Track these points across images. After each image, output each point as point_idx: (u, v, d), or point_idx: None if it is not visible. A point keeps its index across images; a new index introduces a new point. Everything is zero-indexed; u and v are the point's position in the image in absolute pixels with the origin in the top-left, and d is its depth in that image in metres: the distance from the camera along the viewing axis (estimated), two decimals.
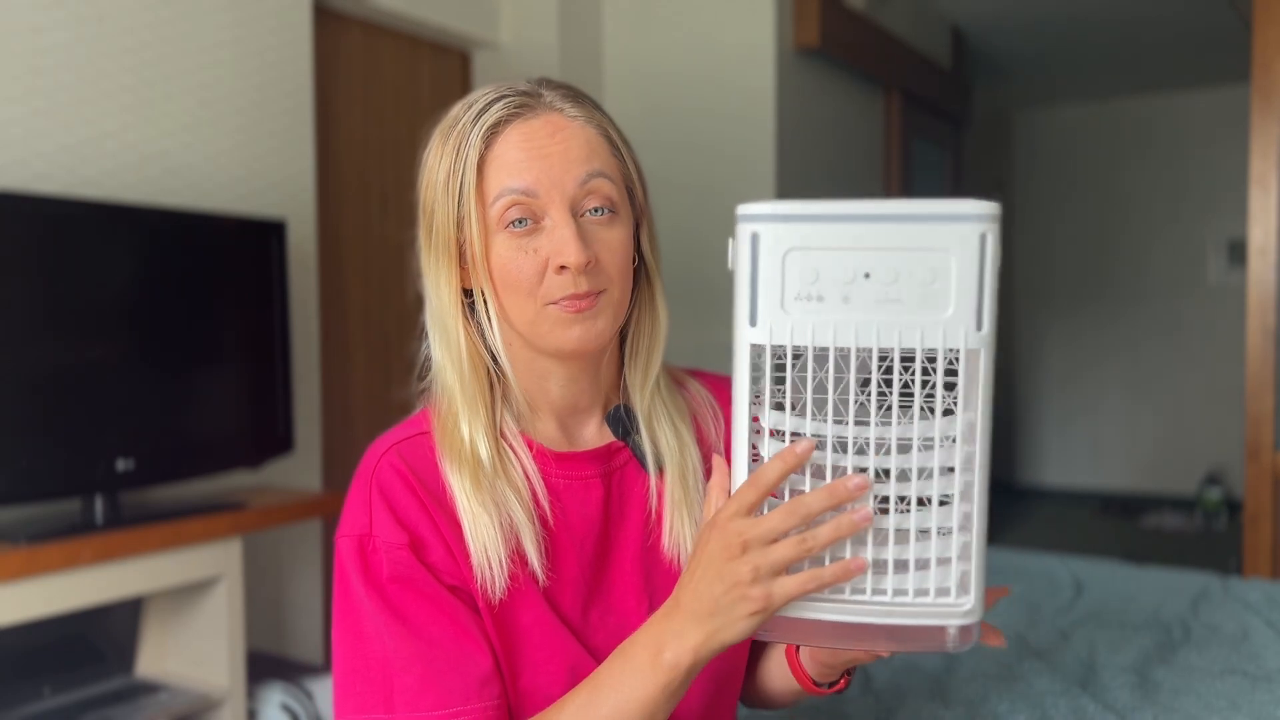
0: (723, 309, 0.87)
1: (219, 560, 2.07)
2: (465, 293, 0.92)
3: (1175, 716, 1.44)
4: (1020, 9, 4.46)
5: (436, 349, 0.94)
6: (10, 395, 1.81)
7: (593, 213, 0.89)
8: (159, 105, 2.25)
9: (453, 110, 0.93)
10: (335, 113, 2.85)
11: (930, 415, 0.72)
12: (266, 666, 2.34)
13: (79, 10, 2.11)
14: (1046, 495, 6.23)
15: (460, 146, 0.89)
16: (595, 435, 0.98)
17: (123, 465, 1.94)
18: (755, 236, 0.71)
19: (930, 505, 0.73)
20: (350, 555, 0.88)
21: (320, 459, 2.63)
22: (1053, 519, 5.60)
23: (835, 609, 0.74)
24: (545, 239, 0.88)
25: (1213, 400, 5.79)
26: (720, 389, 1.05)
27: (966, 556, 0.73)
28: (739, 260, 0.73)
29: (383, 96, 3.02)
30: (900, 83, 4.00)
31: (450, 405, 0.93)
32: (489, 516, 0.88)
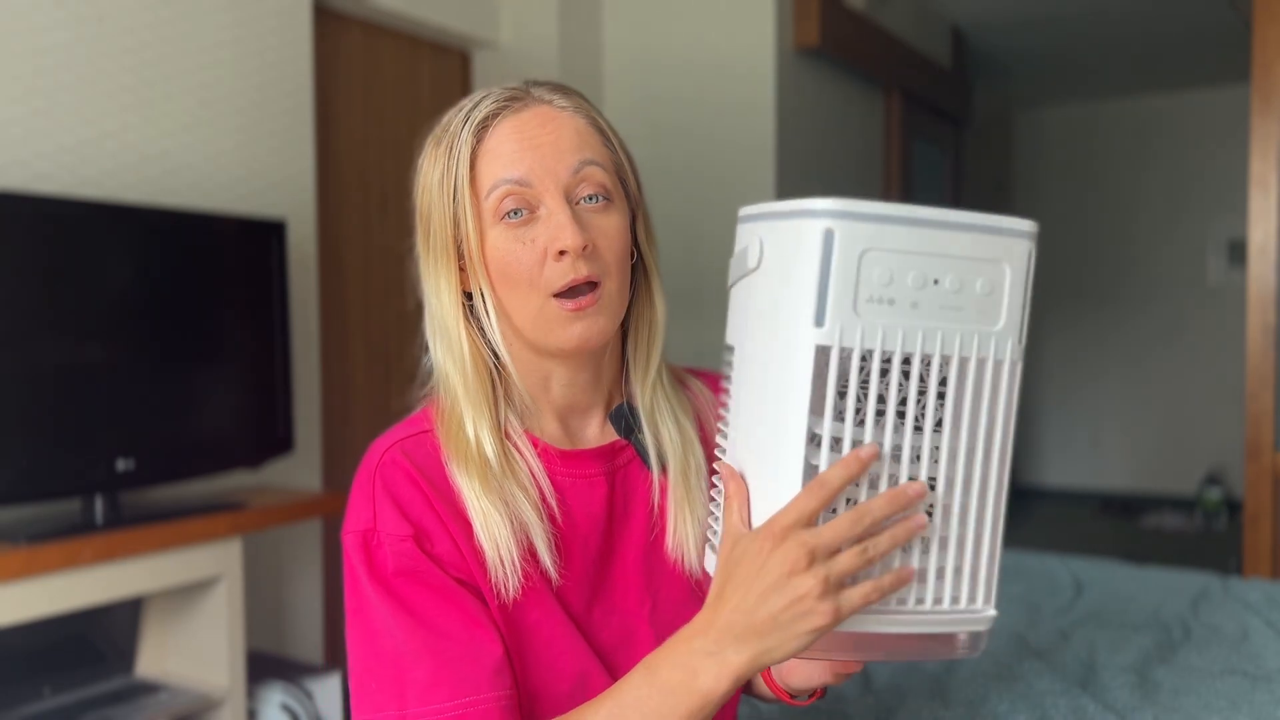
0: (724, 309, 0.87)
1: (219, 560, 2.07)
2: (465, 296, 0.92)
3: (1175, 716, 1.44)
4: (1020, 9, 4.46)
5: (438, 352, 0.94)
6: (10, 395, 1.81)
7: (587, 200, 0.89)
8: (159, 105, 2.25)
9: (443, 118, 0.94)
10: (335, 113, 2.85)
11: (961, 425, 0.72)
12: (266, 666, 2.34)
13: (79, 10, 2.11)
14: (1046, 495, 6.23)
15: (452, 146, 0.90)
16: (598, 434, 0.98)
17: (123, 465, 1.94)
18: (829, 233, 0.69)
19: (969, 512, 0.73)
20: (356, 551, 0.88)
21: (320, 459, 2.63)
22: (1053, 519, 5.60)
23: (875, 621, 0.72)
24: (541, 228, 0.88)
25: (1213, 400, 5.79)
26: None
27: (992, 563, 0.74)
28: (802, 258, 0.70)
29: (383, 96, 3.02)
30: (900, 83, 4.00)
31: (454, 406, 0.92)
32: (499, 515, 0.88)
